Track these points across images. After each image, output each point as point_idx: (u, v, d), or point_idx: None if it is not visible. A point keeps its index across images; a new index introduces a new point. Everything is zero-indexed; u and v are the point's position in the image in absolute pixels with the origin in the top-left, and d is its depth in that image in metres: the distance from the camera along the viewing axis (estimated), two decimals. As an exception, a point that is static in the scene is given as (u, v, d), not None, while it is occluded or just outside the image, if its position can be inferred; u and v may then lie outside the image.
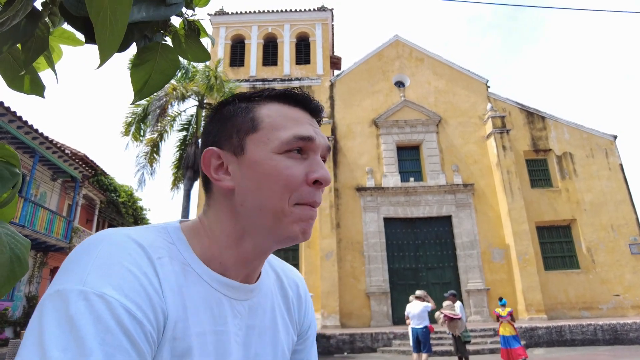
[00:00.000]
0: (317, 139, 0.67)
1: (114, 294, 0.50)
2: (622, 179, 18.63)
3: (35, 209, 13.37)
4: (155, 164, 15.63)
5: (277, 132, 0.65)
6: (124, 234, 0.59)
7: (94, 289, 0.49)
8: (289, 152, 0.64)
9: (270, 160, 0.64)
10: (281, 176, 0.63)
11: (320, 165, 0.65)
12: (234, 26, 22.57)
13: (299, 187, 0.63)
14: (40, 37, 0.82)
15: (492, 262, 17.63)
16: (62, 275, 0.53)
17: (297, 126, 0.66)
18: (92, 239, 0.58)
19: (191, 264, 0.63)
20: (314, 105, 0.71)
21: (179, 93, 14.78)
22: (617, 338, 13.15)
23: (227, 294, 0.65)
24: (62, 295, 0.49)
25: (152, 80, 0.83)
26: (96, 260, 0.53)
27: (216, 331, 0.62)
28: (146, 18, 0.73)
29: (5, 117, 11.68)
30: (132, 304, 0.51)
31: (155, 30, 0.87)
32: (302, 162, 0.65)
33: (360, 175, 19.11)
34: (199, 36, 0.90)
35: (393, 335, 13.60)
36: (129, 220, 22.63)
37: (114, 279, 0.52)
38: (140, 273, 0.55)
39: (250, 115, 0.68)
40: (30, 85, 0.89)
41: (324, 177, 0.64)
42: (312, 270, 17.48)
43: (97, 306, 0.48)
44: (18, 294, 14.05)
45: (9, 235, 0.65)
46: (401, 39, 21.82)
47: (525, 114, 20.11)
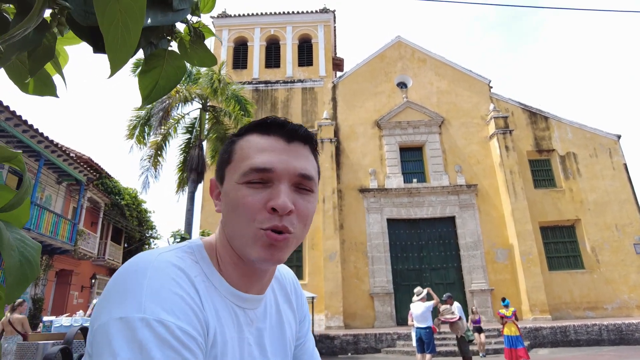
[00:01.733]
0: (277, 167, 0.69)
1: (169, 318, 0.58)
2: (626, 179, 18.54)
3: (41, 212, 13.46)
4: (159, 167, 15.68)
5: (242, 163, 0.70)
6: (164, 260, 0.66)
7: (154, 316, 0.57)
8: (249, 182, 0.69)
9: (234, 190, 0.70)
10: (239, 204, 0.68)
11: (279, 193, 0.67)
12: (236, 29, 22.63)
13: (258, 214, 0.67)
14: (47, 45, 0.84)
15: (496, 263, 17.58)
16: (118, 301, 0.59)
17: (258, 157, 0.70)
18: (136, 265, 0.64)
19: (212, 281, 0.71)
20: (288, 129, 0.72)
21: (182, 96, 14.82)
22: (622, 338, 13.08)
23: (241, 305, 0.73)
24: (127, 323, 0.56)
25: (159, 86, 0.86)
26: (148, 288, 0.60)
27: (238, 337, 0.71)
28: (154, 24, 0.76)
29: (11, 121, 11.77)
30: (185, 324, 0.59)
31: (161, 36, 0.89)
32: (263, 191, 0.68)
33: (364, 177, 19.11)
34: (204, 40, 0.92)
35: (397, 335, 13.58)
36: (134, 223, 22.69)
37: (167, 304, 0.59)
38: (186, 294, 0.63)
39: (230, 147, 0.75)
40: (41, 87, 0.90)
41: (278, 205, 0.66)
42: (316, 271, 17.49)
43: (159, 330, 0.56)
44: (24, 296, 14.12)
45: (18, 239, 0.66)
46: (403, 40, 21.82)
47: (528, 114, 20.06)
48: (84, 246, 16.62)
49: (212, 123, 15.77)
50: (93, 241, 17.84)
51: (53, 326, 5.88)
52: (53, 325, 5.90)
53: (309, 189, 0.72)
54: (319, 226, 17.98)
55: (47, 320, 6.09)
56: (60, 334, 5.58)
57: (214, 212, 18.56)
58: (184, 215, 14.80)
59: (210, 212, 18.64)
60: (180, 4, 0.79)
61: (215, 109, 15.83)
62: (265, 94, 21.16)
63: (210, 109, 15.92)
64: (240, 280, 0.74)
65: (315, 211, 0.75)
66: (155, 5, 0.76)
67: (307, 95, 21.10)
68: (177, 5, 0.78)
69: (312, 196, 0.73)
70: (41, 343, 5.21)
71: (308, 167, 0.72)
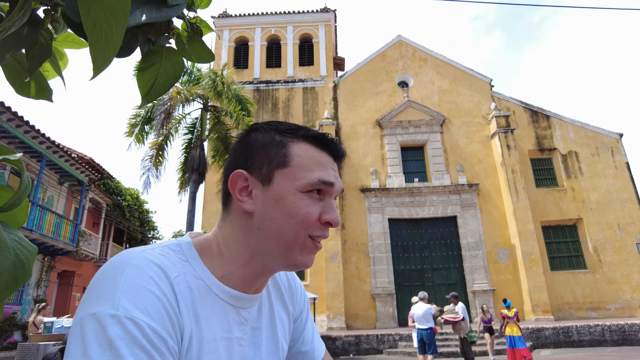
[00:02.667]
0: (336, 184, 0.74)
1: (142, 316, 0.58)
2: (628, 178, 18.49)
3: (43, 213, 13.48)
4: (160, 167, 15.69)
5: (305, 172, 0.72)
6: (144, 257, 0.66)
7: (126, 313, 0.57)
8: (310, 192, 0.72)
9: (294, 197, 0.71)
10: (300, 212, 0.70)
11: (333, 208, 0.73)
12: (237, 28, 22.65)
13: (313, 224, 0.71)
14: (44, 44, 0.82)
15: (498, 263, 17.55)
16: (94, 297, 0.60)
17: (322, 170, 0.74)
18: (117, 262, 0.65)
19: (203, 278, 0.70)
20: (340, 152, 0.79)
21: (183, 97, 14.83)
22: (625, 339, 13.04)
23: (234, 304, 0.73)
24: (99, 318, 0.57)
25: (158, 83, 0.85)
26: (124, 285, 0.60)
27: (224, 337, 0.70)
28: (148, 20, 0.74)
29: (13, 122, 11.79)
30: (157, 324, 0.59)
31: (159, 33, 0.88)
32: (318, 203, 0.73)
33: (365, 176, 19.10)
34: (202, 36, 0.91)
35: (399, 336, 13.56)
36: (135, 224, 22.72)
37: (141, 303, 0.59)
38: (162, 294, 0.62)
39: (284, 150, 0.74)
40: (37, 90, 0.89)
41: (334, 220, 0.72)
42: (317, 272, 17.48)
43: (130, 328, 0.56)
44: (26, 298, 14.15)
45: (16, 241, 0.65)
46: (404, 39, 21.80)
47: (530, 112, 20.02)
48: (85, 247, 16.64)
49: (213, 123, 15.77)
50: (95, 242, 17.86)
51: (54, 327, 5.88)
52: (54, 326, 5.90)
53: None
54: (320, 226, 17.95)
55: (48, 322, 6.09)
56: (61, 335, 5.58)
57: (215, 213, 18.60)
58: (186, 216, 14.80)
59: (212, 212, 18.64)
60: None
61: (217, 109, 15.83)
62: (266, 94, 21.17)
63: (212, 109, 15.92)
64: (244, 280, 0.74)
65: None
66: (150, 1, 0.75)
67: (308, 94, 21.10)
68: (172, 1, 0.77)
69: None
70: (42, 344, 5.21)
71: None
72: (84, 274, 18.25)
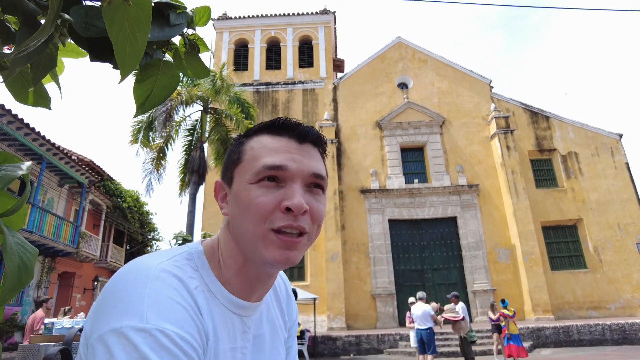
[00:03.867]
0: (291, 167, 0.68)
1: (172, 327, 0.57)
2: (628, 178, 18.50)
3: (43, 214, 13.50)
4: (161, 169, 15.73)
5: (254, 162, 0.69)
6: (163, 269, 0.64)
7: (156, 325, 0.56)
8: (261, 181, 0.68)
9: (245, 190, 0.68)
10: (251, 205, 0.67)
11: (293, 193, 0.66)
12: (237, 30, 22.69)
13: (271, 214, 0.66)
14: (50, 55, 0.85)
15: (498, 263, 17.56)
16: (115, 311, 0.57)
17: (271, 156, 0.69)
18: (135, 273, 0.63)
19: (212, 289, 0.69)
20: (300, 130, 0.72)
21: (183, 98, 14.87)
22: (625, 338, 13.04)
23: (239, 313, 0.72)
24: (127, 333, 0.54)
25: (154, 95, 0.87)
26: (148, 298, 0.58)
27: (230, 348, 0.69)
28: (151, 39, 0.77)
29: (13, 125, 11.82)
30: (187, 334, 0.58)
31: (156, 48, 0.91)
32: (276, 191, 0.67)
33: (365, 177, 19.12)
34: (199, 53, 0.94)
35: (399, 336, 13.58)
36: (135, 225, 22.73)
37: (169, 314, 0.58)
38: (187, 304, 0.62)
39: (239, 148, 0.74)
40: (36, 98, 0.92)
41: (294, 205, 0.65)
42: (318, 272, 17.50)
43: (162, 340, 0.55)
44: (27, 299, 14.17)
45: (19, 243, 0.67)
46: (404, 41, 21.83)
47: (529, 113, 20.04)
48: (86, 248, 16.65)
49: (213, 125, 15.80)
50: (95, 243, 17.88)
51: (54, 328, 5.89)
52: (54, 327, 5.91)
53: (322, 187, 0.72)
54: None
55: (49, 322, 6.11)
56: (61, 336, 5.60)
57: (215, 214, 18.63)
58: (186, 217, 14.83)
59: (212, 213, 18.67)
60: (177, 19, 0.80)
61: (217, 111, 15.86)
62: (266, 96, 21.20)
63: (212, 111, 15.95)
64: (243, 286, 0.72)
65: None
66: (153, 20, 0.78)
67: (308, 96, 21.13)
68: (174, 21, 0.80)
69: (323, 197, 0.72)
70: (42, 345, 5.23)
71: (320, 167, 0.72)
72: (84, 275, 18.28)
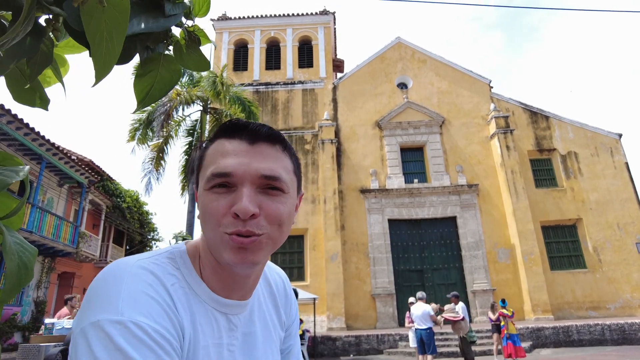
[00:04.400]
0: (237, 171, 0.67)
1: (146, 320, 0.59)
2: (627, 178, 18.51)
3: (43, 214, 13.49)
4: (161, 169, 15.72)
5: (206, 169, 0.70)
6: (139, 266, 0.67)
7: (131, 318, 0.58)
8: (213, 187, 0.68)
9: (202, 196, 0.70)
10: (206, 211, 0.68)
11: (241, 197, 0.66)
12: (236, 31, 22.68)
13: (222, 219, 0.66)
14: (45, 51, 0.84)
15: (498, 263, 17.56)
16: (95, 306, 0.60)
17: (219, 162, 0.69)
18: (113, 271, 0.65)
19: (193, 287, 0.71)
20: (249, 131, 0.71)
21: (183, 98, 14.85)
22: (625, 338, 13.05)
23: (223, 311, 0.73)
24: (103, 326, 0.57)
25: (155, 90, 0.86)
26: (124, 293, 0.61)
27: (215, 344, 0.70)
28: (146, 30, 0.76)
29: (13, 125, 11.81)
30: (160, 327, 0.60)
31: (157, 41, 0.90)
32: (227, 196, 0.67)
33: (364, 177, 19.11)
34: (200, 45, 0.93)
35: (399, 336, 13.57)
36: (135, 225, 22.72)
37: (143, 308, 0.61)
38: (161, 299, 0.64)
39: (202, 153, 0.74)
40: (35, 98, 0.91)
41: (239, 209, 0.64)
42: (318, 273, 17.49)
43: (136, 332, 0.57)
44: (26, 299, 14.16)
45: (18, 243, 0.67)
46: (403, 41, 21.84)
47: (529, 113, 20.05)
48: (85, 249, 16.64)
49: (214, 125, 15.80)
50: (95, 243, 17.87)
51: (55, 328, 5.89)
52: (55, 327, 5.91)
53: (279, 188, 0.69)
54: (320, 227, 18.00)
55: (49, 323, 6.11)
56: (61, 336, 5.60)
57: (215, 214, 18.59)
58: (186, 217, 14.82)
59: (212, 213, 18.64)
60: (173, 9, 0.79)
61: (217, 111, 15.86)
62: (265, 96, 21.20)
63: (212, 111, 15.95)
64: (220, 285, 0.73)
65: (293, 211, 0.73)
66: (148, 10, 0.77)
67: (308, 96, 21.13)
68: (170, 11, 0.78)
69: (283, 196, 0.70)
70: (43, 345, 5.23)
71: (273, 167, 0.69)
72: (84, 276, 18.26)
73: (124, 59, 0.88)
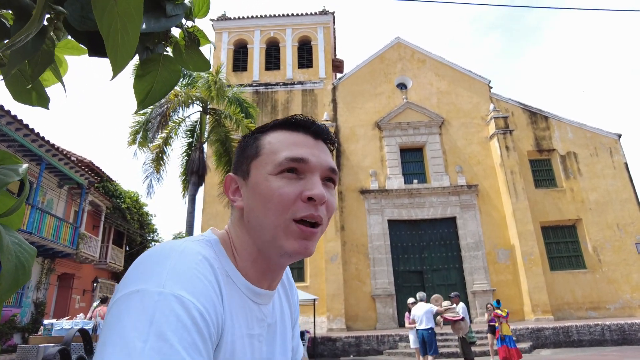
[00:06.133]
0: (311, 160, 0.72)
1: (189, 296, 0.56)
2: (627, 178, 18.52)
3: (43, 215, 13.48)
4: (161, 170, 15.67)
5: (274, 155, 0.72)
6: (189, 246, 0.66)
7: (173, 291, 0.55)
8: (282, 172, 0.70)
9: (266, 181, 0.70)
10: (274, 195, 0.69)
11: (314, 184, 0.70)
12: (236, 31, 22.69)
13: (293, 204, 0.68)
14: (46, 51, 0.84)
15: (498, 263, 17.56)
16: (136, 279, 0.58)
17: (292, 149, 0.72)
18: (160, 249, 0.64)
19: (231, 275, 0.71)
20: (315, 128, 0.76)
21: (181, 99, 14.83)
22: (625, 338, 13.05)
23: (257, 301, 0.74)
24: (143, 295, 0.55)
25: (154, 90, 0.86)
26: (171, 268, 0.59)
27: (248, 335, 0.70)
28: (147, 30, 0.76)
29: (12, 125, 11.80)
30: (203, 307, 0.57)
31: (157, 41, 0.90)
32: (297, 182, 0.70)
33: (364, 178, 19.12)
34: (199, 46, 0.93)
35: (399, 337, 13.57)
36: (135, 226, 22.70)
37: (188, 284, 0.58)
38: (207, 281, 0.62)
39: (256, 143, 0.76)
40: (35, 97, 0.91)
41: (316, 194, 0.68)
42: (317, 274, 17.48)
43: (175, 306, 0.54)
44: (26, 301, 14.14)
45: (16, 243, 0.66)
46: (403, 41, 21.85)
47: (528, 114, 20.06)
48: (85, 250, 16.62)
49: (213, 126, 15.77)
50: (95, 244, 17.85)
51: (54, 329, 5.89)
52: (54, 328, 5.91)
53: (334, 182, 0.76)
54: (320, 228, 17.97)
55: (48, 324, 6.11)
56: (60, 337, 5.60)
57: (215, 215, 18.59)
58: (185, 218, 14.79)
59: (211, 214, 18.65)
60: (174, 9, 0.79)
61: (216, 111, 15.84)
62: (265, 96, 21.20)
63: (211, 111, 15.93)
64: (256, 275, 0.74)
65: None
66: (149, 11, 0.77)
67: (307, 97, 21.13)
68: (171, 11, 0.79)
69: (334, 190, 0.76)
70: (42, 346, 5.23)
71: (333, 162, 0.76)
72: (83, 277, 18.24)
73: (122, 59, 0.88)
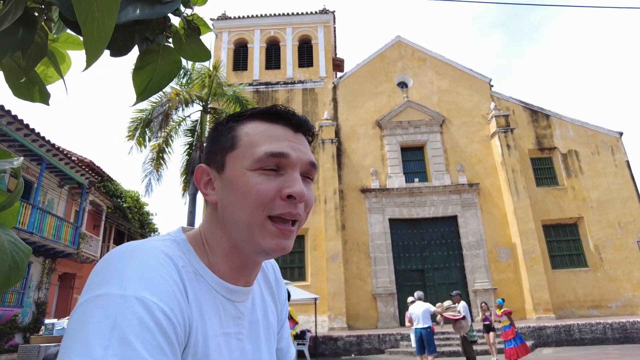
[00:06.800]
0: (292, 154, 0.68)
1: (152, 297, 0.54)
2: (628, 176, 18.48)
3: (43, 215, 13.47)
4: (161, 170, 15.66)
5: (252, 149, 0.68)
6: (152, 246, 0.63)
7: (135, 293, 0.53)
8: (262, 169, 0.66)
9: (243, 177, 0.66)
10: (251, 192, 0.65)
11: (294, 180, 0.66)
12: (236, 30, 22.66)
13: (271, 202, 0.65)
14: (40, 43, 0.82)
15: (499, 262, 17.53)
16: (99, 282, 0.56)
17: (272, 143, 0.68)
18: (123, 249, 0.61)
19: (201, 273, 0.67)
20: (296, 120, 0.72)
21: (182, 98, 14.82)
22: (627, 337, 13.02)
23: (232, 298, 0.71)
24: (104, 299, 0.52)
25: (154, 82, 0.84)
26: (133, 268, 0.57)
27: (223, 333, 0.67)
28: (141, 17, 0.73)
29: (13, 125, 11.79)
30: (167, 307, 0.55)
31: (157, 32, 0.88)
32: (276, 178, 0.67)
33: (365, 177, 19.09)
34: (200, 34, 0.90)
35: (400, 336, 13.56)
36: (135, 226, 22.73)
37: (151, 284, 0.56)
38: (172, 280, 0.59)
39: (232, 134, 0.71)
40: (35, 93, 0.89)
41: (296, 192, 0.65)
42: (318, 272, 17.47)
43: (137, 308, 0.52)
44: (27, 301, 14.14)
45: (12, 242, 0.65)
46: (403, 40, 21.81)
47: (529, 112, 20.02)
48: (86, 249, 16.62)
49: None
50: (95, 244, 17.85)
51: (55, 329, 5.89)
52: (55, 328, 5.91)
53: (312, 178, 0.72)
54: (320, 227, 17.97)
55: (49, 323, 6.11)
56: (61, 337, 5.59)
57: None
58: (186, 217, 14.78)
59: (212, 214, 18.63)
60: None
61: (217, 110, 15.83)
62: (265, 96, 21.18)
63: (212, 111, 15.92)
64: (229, 272, 0.70)
65: None
66: None
67: (308, 96, 21.11)
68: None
69: (311, 185, 0.73)
70: (43, 346, 5.22)
71: (313, 156, 0.72)
72: (85, 276, 18.24)
73: (121, 50, 0.85)
